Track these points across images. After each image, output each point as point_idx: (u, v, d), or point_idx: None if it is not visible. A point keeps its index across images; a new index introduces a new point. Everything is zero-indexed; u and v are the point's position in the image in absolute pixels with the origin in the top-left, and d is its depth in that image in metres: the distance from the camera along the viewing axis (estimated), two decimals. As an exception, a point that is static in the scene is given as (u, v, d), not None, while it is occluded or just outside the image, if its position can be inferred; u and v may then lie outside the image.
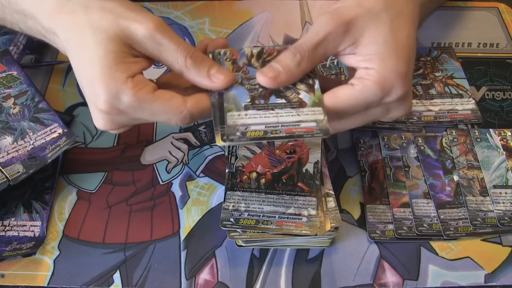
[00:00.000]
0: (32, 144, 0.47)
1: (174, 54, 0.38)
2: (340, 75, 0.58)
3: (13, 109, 0.49)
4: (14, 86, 0.51)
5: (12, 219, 0.48)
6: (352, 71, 0.42)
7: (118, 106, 0.37)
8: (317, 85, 0.41)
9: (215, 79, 0.39)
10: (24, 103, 0.50)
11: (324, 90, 0.40)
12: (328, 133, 0.38)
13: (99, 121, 0.39)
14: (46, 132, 0.48)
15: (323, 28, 0.39)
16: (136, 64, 0.38)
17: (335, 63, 0.60)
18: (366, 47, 0.40)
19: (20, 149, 0.47)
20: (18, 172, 0.45)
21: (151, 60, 0.40)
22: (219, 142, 0.37)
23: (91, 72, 0.37)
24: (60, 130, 0.48)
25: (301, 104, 0.40)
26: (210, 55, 0.42)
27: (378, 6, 0.40)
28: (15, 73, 0.52)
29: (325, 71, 0.59)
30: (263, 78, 0.39)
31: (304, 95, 0.40)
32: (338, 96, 0.39)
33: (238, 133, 0.38)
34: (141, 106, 0.37)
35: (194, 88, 0.40)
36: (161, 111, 0.38)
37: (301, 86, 0.41)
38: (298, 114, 0.39)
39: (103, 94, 0.36)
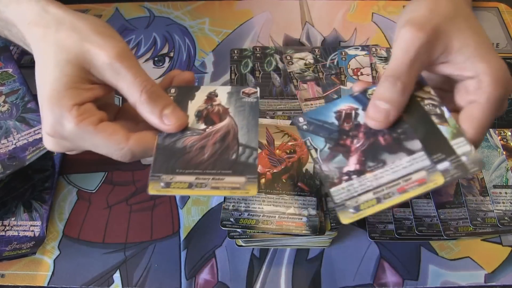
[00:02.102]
0: (14, 144, 0.47)
1: (131, 85, 0.36)
2: (340, 75, 0.58)
3: (2, 107, 0.49)
4: (7, 83, 0.51)
5: (12, 219, 0.48)
6: (437, 82, 0.40)
7: (61, 132, 0.36)
8: (447, 113, 0.37)
9: (166, 120, 0.37)
10: (14, 101, 0.50)
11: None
12: (482, 165, 0.34)
13: (46, 142, 0.39)
14: (30, 133, 0.48)
15: (411, 43, 0.37)
16: (90, 91, 0.37)
17: (335, 63, 0.60)
18: (459, 52, 0.38)
19: (2, 148, 0.47)
20: None
21: (110, 88, 0.39)
22: (149, 190, 0.35)
23: (43, 92, 0.36)
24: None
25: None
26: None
27: (451, 11, 0.39)
28: (10, 70, 0.52)
29: (325, 71, 0.59)
30: (374, 122, 0.37)
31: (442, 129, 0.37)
32: (474, 119, 0.36)
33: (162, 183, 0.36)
34: (82, 136, 0.36)
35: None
36: (101, 144, 0.37)
37: (433, 118, 0.38)
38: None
39: (48, 117, 0.36)
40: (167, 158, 0.37)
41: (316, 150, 0.38)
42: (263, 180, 0.46)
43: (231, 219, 0.44)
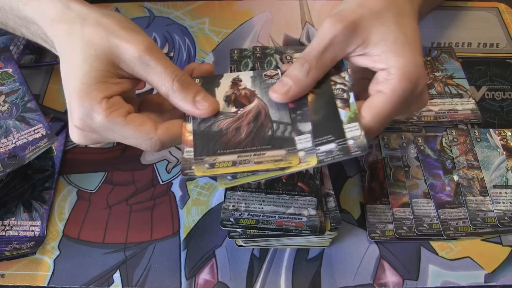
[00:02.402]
0: (14, 143, 0.47)
1: (162, 76, 0.38)
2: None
3: (2, 106, 0.49)
4: (7, 83, 0.51)
5: (12, 219, 0.48)
6: (362, 72, 0.42)
7: (91, 125, 0.37)
8: (352, 99, 0.39)
9: (200, 106, 0.39)
10: (14, 101, 0.50)
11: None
12: (366, 150, 0.36)
13: (74, 135, 0.39)
14: (30, 132, 0.48)
15: (327, 32, 0.39)
16: (118, 85, 0.38)
17: (335, 63, 0.60)
18: (376, 46, 0.39)
19: (2, 147, 0.47)
20: None
21: (137, 82, 0.40)
22: (195, 172, 0.37)
23: (72, 86, 0.37)
24: (43, 131, 0.48)
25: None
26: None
27: (380, 5, 0.40)
28: (10, 70, 0.52)
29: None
30: (275, 95, 0.40)
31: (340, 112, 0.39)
32: (373, 107, 0.38)
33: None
34: (111, 128, 0.37)
35: (174, 112, 0.40)
36: (131, 135, 0.38)
37: (337, 102, 0.39)
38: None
39: (77, 111, 0.37)
40: (206, 142, 0.38)
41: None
42: (263, 180, 0.46)
43: (231, 219, 0.44)
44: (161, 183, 0.51)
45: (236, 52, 0.62)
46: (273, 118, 0.40)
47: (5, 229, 0.47)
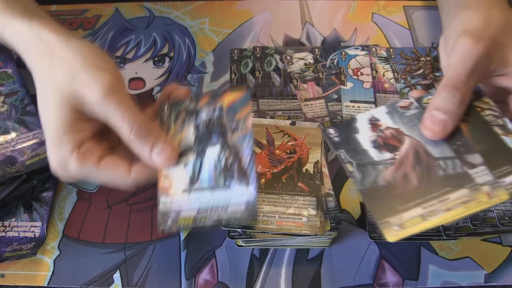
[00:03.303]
0: (13, 146, 0.47)
1: (119, 124, 0.37)
2: (340, 75, 0.58)
3: (1, 107, 0.49)
4: (6, 84, 0.51)
5: (13, 219, 0.48)
6: (496, 94, 0.40)
7: (68, 173, 0.38)
8: (509, 124, 0.36)
9: (156, 157, 0.38)
10: (13, 103, 0.50)
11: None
12: None
13: (57, 174, 0.39)
14: (29, 136, 0.48)
15: (471, 53, 0.36)
16: (87, 130, 0.38)
17: (335, 63, 0.60)
18: None
19: (0, 148, 0.47)
20: None
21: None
22: (388, 239, 0.33)
23: (46, 132, 0.38)
24: (42, 137, 0.48)
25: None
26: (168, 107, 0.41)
27: (504, 22, 0.39)
28: (10, 71, 0.52)
29: (325, 71, 0.59)
30: (430, 133, 0.37)
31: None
32: None
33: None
34: (87, 175, 0.38)
35: None
36: (107, 179, 0.38)
37: (495, 129, 0.37)
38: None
39: (53, 159, 0.37)
40: (380, 201, 0.35)
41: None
42: (263, 180, 0.46)
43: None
44: (161, 183, 0.51)
45: (236, 52, 0.62)
46: (436, 155, 0.36)
47: (6, 230, 0.47)
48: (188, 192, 0.37)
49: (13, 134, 0.47)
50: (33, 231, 0.47)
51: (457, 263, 0.46)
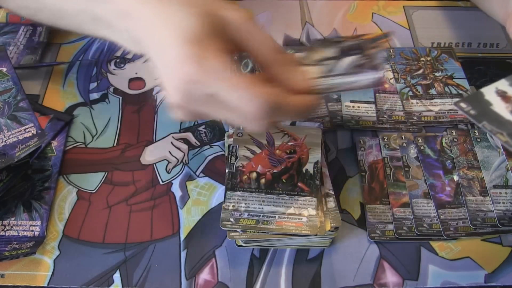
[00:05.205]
0: (5, 141, 0.47)
1: (264, 43, 0.37)
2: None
3: None
4: (0, 82, 0.51)
5: (12, 218, 0.48)
6: None
7: (200, 73, 0.34)
8: None
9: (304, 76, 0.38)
10: (6, 100, 0.50)
11: None
12: None
13: (176, 113, 0.38)
14: (21, 131, 0.48)
15: None
16: (227, 43, 0.36)
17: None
18: None
19: None
20: None
21: (238, 49, 0.38)
22: None
23: (172, 52, 0.34)
24: (34, 131, 0.48)
25: None
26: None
27: None
28: (4, 69, 0.52)
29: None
30: None
31: None
32: None
33: None
34: (222, 76, 0.34)
35: None
36: (238, 91, 0.34)
37: None
38: None
39: (187, 60, 0.34)
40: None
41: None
42: (263, 180, 0.46)
43: (231, 219, 0.44)
44: (161, 183, 0.51)
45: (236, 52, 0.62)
46: None
47: (5, 229, 0.47)
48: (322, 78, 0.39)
49: (5, 131, 0.48)
50: (32, 230, 0.47)
51: (457, 263, 0.46)
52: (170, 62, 0.35)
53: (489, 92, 0.40)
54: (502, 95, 0.40)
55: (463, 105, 0.39)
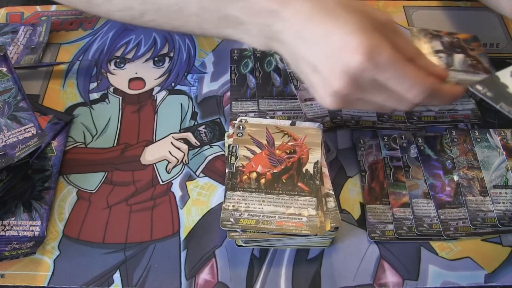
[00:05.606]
0: (5, 142, 0.47)
1: (407, 38, 0.40)
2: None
3: None
4: (0, 82, 0.51)
5: (12, 218, 0.48)
6: None
7: (377, 57, 0.36)
8: None
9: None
10: (6, 100, 0.50)
11: None
12: None
13: (330, 102, 0.40)
14: (21, 131, 0.48)
15: None
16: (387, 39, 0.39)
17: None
18: None
19: None
20: None
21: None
22: None
23: (348, 30, 0.36)
24: (33, 131, 0.48)
25: None
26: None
27: None
28: (4, 69, 0.52)
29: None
30: None
31: None
32: None
33: None
34: (396, 64, 0.37)
35: None
36: (409, 75, 0.38)
37: None
38: None
39: (362, 45, 0.36)
40: None
41: None
42: (263, 180, 0.46)
43: (231, 219, 0.44)
44: (161, 183, 0.51)
45: (236, 52, 0.62)
46: None
47: (5, 229, 0.47)
48: None
49: (5, 131, 0.48)
50: (32, 230, 0.47)
51: (457, 263, 0.46)
52: (338, 50, 0.37)
53: (504, 75, 0.41)
54: None
55: (479, 87, 0.40)
